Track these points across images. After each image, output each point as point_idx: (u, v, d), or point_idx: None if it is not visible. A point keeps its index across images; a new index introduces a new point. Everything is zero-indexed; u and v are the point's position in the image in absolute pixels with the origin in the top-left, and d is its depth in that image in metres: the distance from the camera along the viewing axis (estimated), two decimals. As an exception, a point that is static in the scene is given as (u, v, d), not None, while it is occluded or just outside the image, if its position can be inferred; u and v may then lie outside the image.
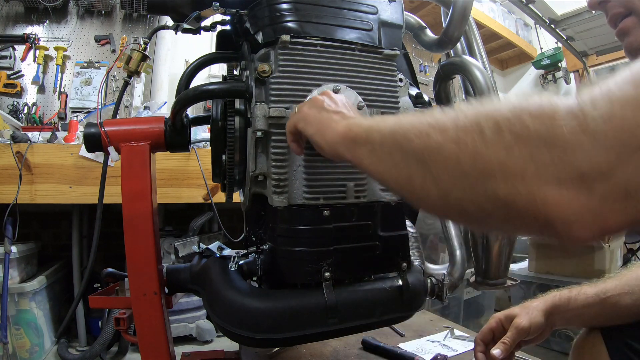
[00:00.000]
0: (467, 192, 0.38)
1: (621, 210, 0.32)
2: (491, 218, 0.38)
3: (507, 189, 0.35)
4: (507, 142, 0.35)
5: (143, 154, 0.81)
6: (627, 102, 0.31)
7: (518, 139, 0.35)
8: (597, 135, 0.32)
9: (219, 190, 1.86)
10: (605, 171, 0.31)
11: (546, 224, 0.34)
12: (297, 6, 0.77)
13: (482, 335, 0.84)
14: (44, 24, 2.61)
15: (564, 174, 0.33)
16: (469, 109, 0.40)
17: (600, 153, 0.31)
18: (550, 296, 0.82)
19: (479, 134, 0.37)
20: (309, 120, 0.63)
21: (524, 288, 2.03)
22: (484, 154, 0.37)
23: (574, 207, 0.33)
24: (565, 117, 0.33)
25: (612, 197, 0.32)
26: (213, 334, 2.04)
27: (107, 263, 1.02)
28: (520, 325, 0.77)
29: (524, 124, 0.35)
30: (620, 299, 0.75)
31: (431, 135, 0.41)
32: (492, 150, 0.36)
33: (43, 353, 1.82)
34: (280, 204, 0.75)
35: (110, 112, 2.45)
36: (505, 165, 0.35)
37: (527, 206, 0.35)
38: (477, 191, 0.38)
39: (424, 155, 0.42)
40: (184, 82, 0.91)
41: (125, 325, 0.86)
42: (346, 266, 0.78)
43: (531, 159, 0.34)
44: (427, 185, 0.42)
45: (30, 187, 1.68)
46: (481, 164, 0.37)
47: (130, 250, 0.80)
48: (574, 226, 0.33)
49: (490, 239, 0.89)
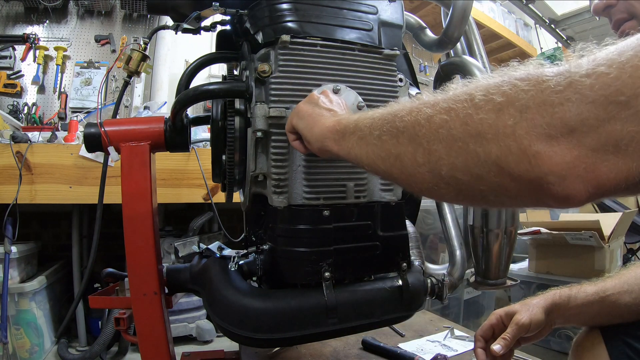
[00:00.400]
0: (458, 157, 0.38)
1: (613, 164, 0.32)
2: (483, 184, 0.38)
3: (499, 148, 0.35)
4: (498, 104, 0.36)
5: (143, 154, 0.81)
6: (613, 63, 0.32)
7: (508, 101, 0.35)
8: (583, 90, 0.32)
9: (219, 190, 1.86)
10: (594, 124, 0.32)
11: (539, 183, 0.34)
12: (297, 6, 0.77)
13: (482, 331, 0.84)
14: (44, 24, 2.61)
15: (554, 130, 0.33)
16: (459, 86, 0.41)
17: (588, 108, 0.32)
18: (550, 294, 0.82)
19: (470, 102, 0.38)
20: (302, 114, 0.64)
21: (524, 288, 2.03)
22: (474, 117, 0.37)
23: (566, 159, 0.33)
24: (552, 78, 0.34)
25: (603, 149, 0.32)
26: (213, 334, 2.04)
27: (107, 263, 1.02)
28: (521, 322, 0.78)
29: (513, 86, 0.36)
30: (619, 297, 0.75)
31: (422, 110, 0.42)
32: (482, 113, 0.37)
33: (43, 353, 1.82)
34: (280, 204, 0.75)
35: (110, 112, 2.45)
36: (496, 126, 0.36)
37: (519, 164, 0.35)
38: (469, 155, 0.38)
39: (415, 129, 0.42)
40: (184, 82, 0.91)
41: (125, 325, 0.86)
42: (346, 266, 0.78)
43: (521, 117, 0.34)
44: (417, 160, 0.42)
45: (30, 187, 1.68)
46: (472, 127, 0.37)
47: (130, 250, 0.80)
48: (567, 180, 0.33)
49: (490, 239, 0.89)
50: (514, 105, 0.35)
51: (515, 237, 0.90)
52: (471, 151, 0.37)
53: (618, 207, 2.52)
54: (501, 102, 0.36)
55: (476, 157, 0.37)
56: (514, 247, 0.91)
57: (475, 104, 0.37)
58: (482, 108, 0.37)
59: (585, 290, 0.79)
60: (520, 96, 0.35)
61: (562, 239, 1.88)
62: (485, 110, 0.37)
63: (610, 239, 1.85)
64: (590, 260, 1.85)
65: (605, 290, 0.77)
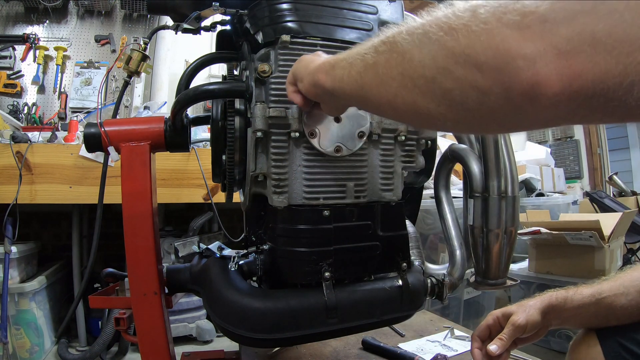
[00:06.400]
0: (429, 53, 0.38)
1: (590, 56, 0.30)
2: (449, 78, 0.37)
3: (467, 38, 0.35)
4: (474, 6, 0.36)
5: (143, 154, 0.81)
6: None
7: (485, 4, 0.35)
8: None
9: (219, 190, 1.86)
10: (568, 16, 0.31)
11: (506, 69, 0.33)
12: (297, 6, 0.77)
13: (479, 332, 0.85)
14: (44, 24, 2.61)
15: (526, 19, 0.32)
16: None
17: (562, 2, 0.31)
18: (547, 296, 0.83)
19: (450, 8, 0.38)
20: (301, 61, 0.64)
21: (524, 288, 2.03)
22: (450, 17, 0.37)
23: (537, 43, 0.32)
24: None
25: (578, 39, 0.30)
26: (213, 334, 2.04)
27: (107, 263, 1.03)
28: (517, 323, 0.78)
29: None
30: (615, 299, 0.76)
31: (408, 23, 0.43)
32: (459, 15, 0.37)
33: (43, 353, 1.82)
34: (280, 204, 0.75)
35: (110, 112, 2.45)
36: (469, 23, 0.35)
37: (486, 50, 0.34)
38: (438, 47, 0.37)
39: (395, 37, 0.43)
40: (184, 82, 0.91)
41: (125, 325, 0.86)
42: (346, 266, 0.78)
43: (494, 10, 0.34)
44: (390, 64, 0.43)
45: (30, 187, 1.69)
46: (446, 25, 0.37)
47: (130, 250, 0.80)
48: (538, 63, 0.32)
49: (490, 239, 0.89)
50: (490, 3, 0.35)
51: (515, 237, 0.90)
52: (440, 43, 0.37)
53: (618, 207, 2.52)
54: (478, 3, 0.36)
55: (444, 48, 0.37)
56: (514, 247, 0.91)
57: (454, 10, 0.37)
58: (460, 9, 0.37)
59: (581, 292, 0.80)
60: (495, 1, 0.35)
61: (562, 239, 1.88)
62: (463, 10, 0.37)
63: (610, 239, 1.85)
64: (590, 260, 1.85)
65: (601, 292, 0.78)
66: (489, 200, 0.88)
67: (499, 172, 0.87)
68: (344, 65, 0.52)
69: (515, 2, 0.33)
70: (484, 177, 0.89)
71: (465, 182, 0.96)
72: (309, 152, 0.75)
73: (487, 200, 0.88)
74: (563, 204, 2.73)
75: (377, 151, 0.80)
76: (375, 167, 0.80)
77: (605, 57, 0.30)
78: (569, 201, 2.83)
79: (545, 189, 3.02)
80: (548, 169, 3.23)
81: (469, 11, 0.36)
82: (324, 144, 0.75)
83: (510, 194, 0.87)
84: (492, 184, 0.87)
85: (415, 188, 0.99)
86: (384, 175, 0.81)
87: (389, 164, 0.81)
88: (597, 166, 4.68)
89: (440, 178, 1.02)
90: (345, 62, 0.52)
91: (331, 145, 0.76)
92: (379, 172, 0.81)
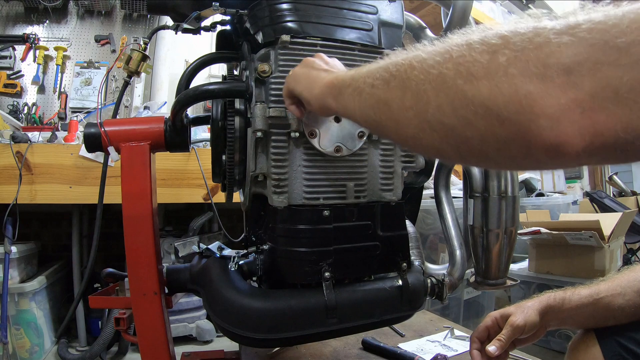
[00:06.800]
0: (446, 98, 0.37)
1: (612, 111, 0.30)
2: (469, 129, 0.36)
3: (488, 88, 0.34)
4: (493, 46, 0.34)
5: (143, 154, 0.81)
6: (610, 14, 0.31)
7: (504, 43, 0.34)
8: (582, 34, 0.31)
9: (219, 190, 1.86)
10: (592, 68, 0.30)
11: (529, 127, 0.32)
12: (297, 6, 0.77)
13: (477, 333, 0.85)
14: (44, 24, 2.61)
15: (549, 70, 0.31)
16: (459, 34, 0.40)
17: (586, 50, 0.30)
18: (545, 296, 0.83)
19: (466, 45, 0.36)
20: (298, 78, 0.64)
21: (524, 288, 2.03)
22: (467, 58, 0.36)
23: (561, 101, 0.31)
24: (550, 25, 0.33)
25: (602, 95, 0.30)
26: (213, 334, 2.04)
27: (107, 263, 1.03)
28: (516, 323, 0.78)
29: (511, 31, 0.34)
30: (613, 300, 0.76)
31: (418, 54, 0.41)
32: (476, 54, 0.35)
33: (43, 353, 1.82)
34: (280, 204, 0.75)
35: (110, 112, 2.44)
36: (489, 67, 0.34)
37: (508, 104, 0.33)
38: (457, 95, 0.36)
39: (407, 72, 0.41)
40: (184, 82, 0.91)
41: (125, 325, 0.86)
42: (346, 266, 0.78)
43: (516, 58, 0.33)
44: (405, 103, 0.41)
45: (30, 187, 1.68)
46: (464, 67, 0.36)
47: (130, 250, 0.80)
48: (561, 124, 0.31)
49: (490, 239, 0.89)
50: (509, 46, 0.34)
51: (515, 237, 0.90)
52: (459, 91, 0.35)
53: (618, 207, 2.52)
54: (497, 44, 0.34)
55: (464, 98, 0.35)
56: (514, 247, 0.91)
57: (471, 46, 0.36)
58: (476, 49, 0.35)
59: (579, 293, 0.80)
60: (516, 39, 0.33)
61: (562, 239, 1.88)
62: (480, 52, 0.35)
63: (610, 239, 1.85)
64: (590, 260, 1.85)
65: (598, 292, 0.78)
66: (489, 200, 0.88)
67: (499, 172, 0.87)
68: (351, 92, 0.51)
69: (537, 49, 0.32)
70: (484, 177, 0.89)
71: (465, 182, 0.96)
72: (309, 152, 0.75)
73: (487, 200, 0.88)
74: (563, 204, 2.73)
75: (377, 151, 0.80)
76: (375, 167, 0.81)
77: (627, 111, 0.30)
78: (569, 201, 2.83)
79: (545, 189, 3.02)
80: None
81: (487, 53, 0.35)
82: (324, 144, 0.75)
83: (510, 194, 0.87)
84: (492, 184, 0.87)
85: (415, 188, 0.99)
86: (384, 175, 0.81)
87: (389, 164, 0.81)
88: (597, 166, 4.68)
89: (440, 178, 1.02)
90: (351, 88, 0.51)
91: (331, 145, 0.76)
92: (379, 172, 0.81)
